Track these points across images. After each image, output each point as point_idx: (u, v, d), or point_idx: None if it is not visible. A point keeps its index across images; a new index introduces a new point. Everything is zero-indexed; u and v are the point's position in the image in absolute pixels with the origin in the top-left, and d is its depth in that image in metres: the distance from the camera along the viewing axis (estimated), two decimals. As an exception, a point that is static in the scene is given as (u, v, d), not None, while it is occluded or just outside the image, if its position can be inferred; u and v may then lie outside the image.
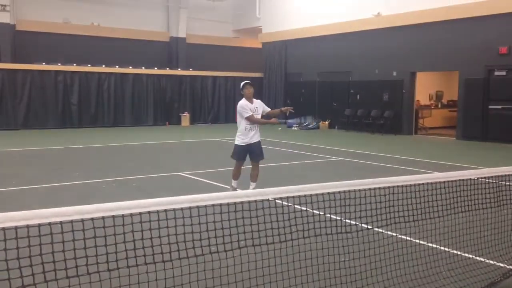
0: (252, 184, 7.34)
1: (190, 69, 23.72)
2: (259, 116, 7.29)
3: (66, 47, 21.78)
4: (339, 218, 3.59)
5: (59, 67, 20.04)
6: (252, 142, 7.25)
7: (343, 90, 20.80)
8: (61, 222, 2.38)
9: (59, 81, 19.98)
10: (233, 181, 7.45)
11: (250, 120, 7.15)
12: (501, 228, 4.74)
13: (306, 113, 21.94)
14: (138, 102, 21.85)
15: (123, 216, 2.54)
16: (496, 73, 15.78)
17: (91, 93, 20.70)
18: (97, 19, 22.83)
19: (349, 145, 14.74)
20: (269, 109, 7.55)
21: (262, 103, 7.43)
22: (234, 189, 7.33)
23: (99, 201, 2.54)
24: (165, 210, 2.72)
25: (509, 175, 4.34)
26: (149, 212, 2.64)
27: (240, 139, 7.25)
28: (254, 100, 7.32)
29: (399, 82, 18.55)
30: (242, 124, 7.23)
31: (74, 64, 20.58)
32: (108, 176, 9.15)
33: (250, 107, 7.21)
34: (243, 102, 7.22)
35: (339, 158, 12.04)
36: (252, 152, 7.31)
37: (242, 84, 7.32)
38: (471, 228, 4.61)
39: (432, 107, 21.28)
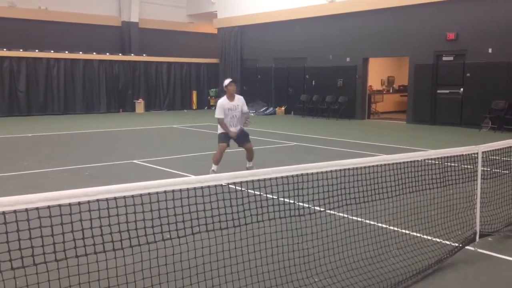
0: (249, 163, 8.01)
1: (144, 55, 23.23)
2: (237, 113, 7.80)
3: (11, 32, 20.78)
4: (292, 202, 3.63)
5: (4, 52, 19.14)
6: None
7: (299, 76, 20.96)
8: (3, 213, 2.28)
9: (4, 67, 19.11)
10: (214, 165, 7.70)
11: (219, 123, 7.75)
12: (446, 208, 4.95)
13: (263, 99, 22.08)
14: (90, 89, 21.22)
15: (70, 204, 2.47)
16: (444, 58, 16.33)
17: (39, 80, 19.91)
18: (44, 2, 21.88)
19: (305, 131, 14.92)
20: (247, 110, 8.03)
21: (243, 100, 7.91)
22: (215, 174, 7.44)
23: (48, 190, 2.44)
24: (115, 198, 2.66)
25: (453, 156, 4.52)
26: (97, 200, 2.58)
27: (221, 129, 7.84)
28: (236, 96, 7.82)
29: (352, 68, 18.88)
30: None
31: (21, 50, 19.70)
32: (59, 165, 8.88)
33: (229, 106, 7.71)
34: (222, 101, 7.73)
35: (295, 143, 12.17)
36: (237, 140, 7.91)
37: (227, 81, 7.80)
38: (419, 208, 4.79)
39: (384, 92, 21.80)
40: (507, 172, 5.63)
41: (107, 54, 21.98)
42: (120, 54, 22.79)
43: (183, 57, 24.00)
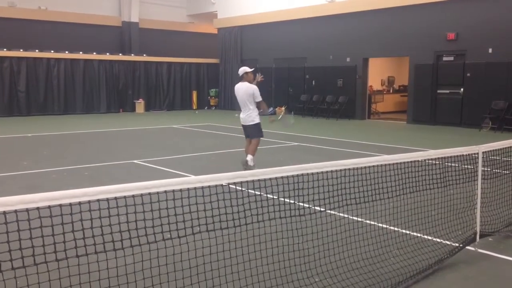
0: (251, 160, 7.99)
1: (144, 55, 23.23)
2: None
3: (11, 32, 20.77)
4: (292, 202, 3.63)
5: (4, 52, 19.14)
6: None
7: (299, 76, 20.95)
8: (4, 212, 2.28)
9: (4, 67, 19.11)
10: (253, 157, 7.86)
11: (262, 104, 7.96)
12: (447, 208, 4.95)
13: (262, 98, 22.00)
14: (90, 89, 21.22)
15: (70, 204, 2.47)
16: (444, 58, 16.33)
17: (39, 80, 19.92)
18: (44, 2, 21.89)
19: (305, 131, 14.92)
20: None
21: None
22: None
23: (48, 191, 2.44)
24: (115, 198, 2.66)
25: (453, 156, 4.52)
26: (98, 200, 2.58)
27: (259, 117, 8.02)
28: None
29: (352, 68, 18.88)
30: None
31: (21, 50, 19.71)
32: (59, 165, 8.87)
33: None
34: (255, 86, 7.95)
35: (295, 143, 12.17)
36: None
37: (247, 69, 7.97)
38: (419, 208, 4.79)
39: (384, 92, 21.80)
40: (507, 172, 5.63)
41: (107, 54, 21.99)
42: (120, 54, 22.80)
43: (183, 57, 24.01)
